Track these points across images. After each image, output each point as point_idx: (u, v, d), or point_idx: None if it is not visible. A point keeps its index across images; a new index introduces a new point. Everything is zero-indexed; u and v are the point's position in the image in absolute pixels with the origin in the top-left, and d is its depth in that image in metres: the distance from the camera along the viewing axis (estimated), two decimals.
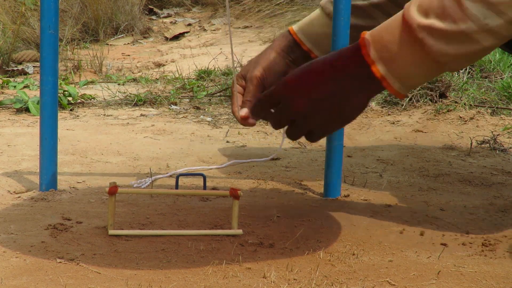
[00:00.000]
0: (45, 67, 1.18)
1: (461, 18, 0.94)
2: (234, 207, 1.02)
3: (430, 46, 0.96)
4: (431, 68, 0.99)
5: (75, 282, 0.84)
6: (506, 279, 0.90)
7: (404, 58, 0.99)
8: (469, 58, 0.99)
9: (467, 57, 0.98)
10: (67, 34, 3.40)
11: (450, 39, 0.96)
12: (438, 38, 0.96)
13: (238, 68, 2.71)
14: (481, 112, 1.97)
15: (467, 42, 0.96)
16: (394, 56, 0.99)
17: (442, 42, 0.96)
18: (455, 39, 0.96)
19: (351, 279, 0.88)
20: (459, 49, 0.96)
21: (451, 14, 0.94)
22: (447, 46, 0.96)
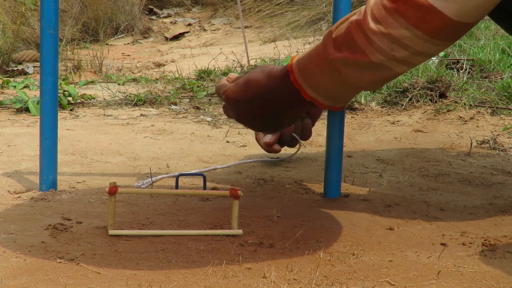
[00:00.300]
0: (45, 67, 1.18)
1: (370, 51, 1.01)
2: (234, 207, 1.02)
3: (347, 74, 1.04)
4: (352, 90, 1.08)
5: (75, 282, 0.84)
6: (506, 279, 0.90)
7: (327, 83, 1.07)
8: (385, 80, 1.07)
9: (383, 80, 1.06)
10: (67, 34, 3.40)
11: (364, 68, 1.03)
12: (353, 68, 1.03)
13: (238, 69, 2.71)
14: (481, 112, 1.97)
15: (379, 69, 1.03)
16: (318, 81, 1.08)
17: (357, 71, 1.04)
18: (368, 67, 1.03)
19: (351, 279, 0.88)
20: (373, 75, 1.04)
21: (362, 47, 1.01)
22: (361, 74, 1.04)
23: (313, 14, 3.56)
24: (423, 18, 0.95)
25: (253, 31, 3.75)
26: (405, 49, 0.99)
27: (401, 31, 0.97)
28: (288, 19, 3.64)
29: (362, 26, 1.00)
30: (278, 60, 2.72)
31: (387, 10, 0.97)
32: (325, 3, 3.55)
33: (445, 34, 0.97)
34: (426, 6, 0.94)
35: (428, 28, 0.96)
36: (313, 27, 3.51)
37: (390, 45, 0.99)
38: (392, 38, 0.98)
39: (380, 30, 0.98)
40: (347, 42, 1.02)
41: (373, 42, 0.99)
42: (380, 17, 0.98)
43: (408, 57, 1.00)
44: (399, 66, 1.02)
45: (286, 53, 3.00)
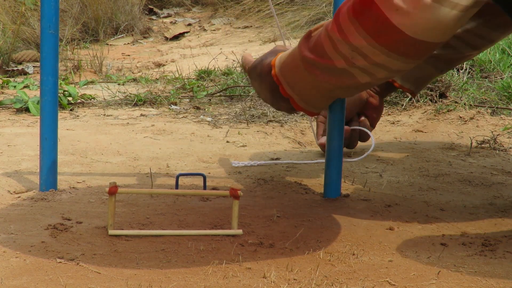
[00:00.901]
0: (45, 67, 1.18)
1: (334, 56, 1.03)
2: (234, 207, 1.02)
3: (317, 75, 1.07)
4: (323, 93, 1.11)
5: (75, 282, 0.84)
6: (506, 279, 0.90)
7: (300, 82, 1.10)
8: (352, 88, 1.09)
9: (349, 88, 1.08)
10: (67, 34, 3.40)
11: (331, 72, 1.05)
12: (322, 69, 1.06)
13: (238, 69, 2.71)
14: (481, 112, 1.97)
15: (344, 75, 1.05)
16: (293, 79, 1.11)
17: (325, 73, 1.06)
18: (334, 72, 1.05)
19: (351, 279, 0.88)
20: (339, 80, 1.06)
21: (327, 52, 1.04)
22: (329, 77, 1.06)
23: (313, 14, 3.56)
24: (379, 30, 0.96)
25: (253, 31, 3.75)
26: (364, 58, 1.00)
27: (360, 40, 0.98)
28: (288, 19, 3.64)
29: (329, 32, 1.02)
30: None
31: (350, 19, 0.99)
32: (325, 3, 3.55)
33: (402, 49, 0.98)
34: (383, 19, 0.95)
35: (384, 40, 0.97)
36: (313, 27, 3.51)
37: (351, 52, 1.00)
38: (352, 46, 1.00)
39: (342, 37, 1.00)
40: (317, 46, 1.05)
41: (337, 49, 1.01)
42: (344, 25, 1.00)
43: (368, 68, 1.01)
44: (361, 75, 1.03)
45: None
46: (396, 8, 0.94)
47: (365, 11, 0.97)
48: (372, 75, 1.03)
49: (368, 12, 0.96)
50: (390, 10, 0.94)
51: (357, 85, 1.07)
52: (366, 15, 0.97)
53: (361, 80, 1.04)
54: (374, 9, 0.96)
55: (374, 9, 0.96)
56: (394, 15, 0.94)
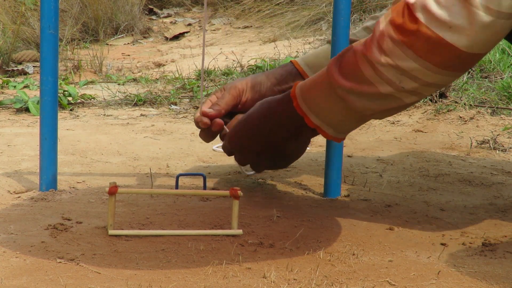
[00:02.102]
0: (45, 67, 1.18)
1: (377, 81, 0.98)
2: (234, 207, 1.02)
3: (353, 102, 1.02)
4: (358, 119, 1.06)
5: (75, 282, 0.84)
6: (506, 279, 0.90)
7: (331, 111, 1.05)
8: (394, 111, 1.04)
9: (392, 110, 1.04)
10: (67, 34, 3.40)
11: (371, 98, 1.00)
12: (360, 97, 1.01)
13: (238, 69, 2.71)
14: (481, 112, 1.97)
15: (388, 100, 1.00)
16: (322, 109, 1.05)
17: (364, 100, 1.01)
18: (376, 97, 1.00)
19: (351, 279, 0.88)
20: (381, 105, 1.02)
21: (368, 78, 0.99)
22: (369, 102, 1.01)
23: (313, 14, 3.56)
24: (432, 50, 0.94)
25: (253, 31, 3.75)
26: (415, 81, 0.97)
27: (410, 63, 0.95)
28: (288, 19, 3.64)
29: (369, 58, 0.98)
30: (278, 60, 2.72)
31: (395, 42, 0.95)
32: (325, 3, 3.55)
33: (455, 65, 0.96)
34: (435, 38, 0.93)
35: (438, 60, 0.95)
36: (313, 27, 3.51)
37: (399, 77, 0.97)
38: (401, 70, 0.96)
39: (388, 62, 0.96)
40: (353, 73, 1.00)
41: (382, 74, 0.97)
42: (388, 49, 0.96)
43: (417, 89, 0.98)
44: (408, 97, 1.00)
45: (286, 53, 3.00)
46: (450, 26, 0.92)
47: (413, 33, 0.94)
48: (420, 95, 1.00)
49: (416, 33, 0.93)
50: (442, 28, 0.92)
51: (400, 107, 1.03)
52: (415, 37, 0.94)
53: (407, 102, 1.01)
54: (423, 30, 0.93)
55: (423, 30, 0.93)
56: (448, 33, 0.92)
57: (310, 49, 3.06)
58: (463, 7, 0.91)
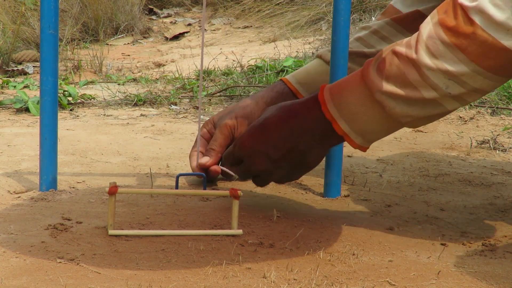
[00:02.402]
0: (45, 67, 1.18)
1: (422, 86, 0.94)
2: (234, 207, 1.02)
3: (391, 108, 0.97)
4: (393, 126, 1.01)
5: (75, 282, 0.84)
6: (506, 279, 0.90)
7: (365, 117, 0.99)
8: (433, 118, 1.00)
9: (431, 118, 0.99)
10: (67, 34, 3.40)
11: (412, 103, 0.96)
12: (400, 102, 0.96)
13: (238, 69, 2.71)
14: (481, 112, 1.97)
15: (430, 106, 0.96)
16: (355, 114, 1.00)
17: (404, 105, 0.96)
18: (418, 103, 0.96)
19: (351, 279, 0.88)
20: (421, 112, 0.97)
21: (412, 82, 0.95)
22: (409, 108, 0.97)
23: (313, 14, 3.56)
24: (486, 54, 0.91)
25: (253, 31, 3.75)
26: (462, 86, 0.93)
27: (461, 67, 0.92)
28: (288, 19, 3.64)
29: (415, 60, 0.94)
30: (278, 60, 2.72)
31: (446, 45, 0.92)
32: (325, 3, 3.55)
33: (507, 69, 0.92)
34: (491, 41, 0.89)
35: (491, 64, 0.91)
36: (313, 27, 3.51)
37: (447, 81, 0.93)
38: (450, 74, 0.92)
39: (438, 66, 0.92)
40: (395, 77, 0.96)
41: (428, 78, 0.93)
42: (438, 52, 0.92)
43: (463, 95, 0.94)
44: (452, 104, 0.96)
45: (286, 53, 3.00)
46: (507, 29, 0.89)
47: (467, 36, 0.90)
48: (463, 101, 0.97)
49: (471, 36, 0.90)
50: (499, 32, 0.89)
51: (440, 114, 0.98)
52: (469, 40, 0.90)
53: (449, 108, 0.97)
54: (478, 33, 0.90)
55: (478, 33, 0.90)
56: (505, 37, 0.89)
57: (310, 49, 3.06)
58: None
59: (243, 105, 1.26)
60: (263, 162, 1.06)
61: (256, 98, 1.27)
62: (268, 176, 1.08)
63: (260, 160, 1.06)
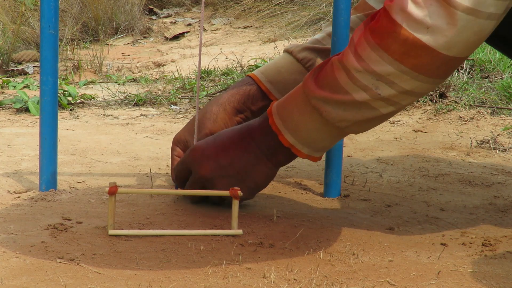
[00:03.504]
0: (45, 67, 1.18)
1: (352, 88, 0.96)
2: (234, 207, 1.02)
3: (328, 112, 0.99)
4: (333, 133, 1.02)
5: (75, 282, 0.84)
6: (506, 279, 0.90)
7: (306, 125, 1.01)
8: (370, 123, 1.01)
9: (368, 122, 1.00)
10: (67, 34, 3.40)
11: (347, 107, 0.97)
12: (335, 106, 0.98)
13: (238, 69, 2.71)
14: (481, 112, 1.97)
15: (364, 109, 0.97)
16: (297, 124, 1.02)
17: (339, 109, 0.98)
18: (351, 106, 0.97)
19: (351, 279, 0.88)
20: (357, 115, 0.98)
21: (343, 85, 0.96)
22: (344, 112, 0.98)
23: (313, 14, 3.56)
24: (408, 52, 0.91)
25: (253, 31, 3.75)
26: (391, 86, 0.94)
27: (385, 67, 0.93)
28: (288, 19, 3.64)
29: (344, 63, 0.95)
30: None
31: (371, 46, 0.93)
32: (325, 3, 3.55)
33: (433, 69, 0.93)
34: (412, 39, 0.90)
35: (414, 63, 0.92)
36: (313, 27, 3.51)
37: (375, 82, 0.94)
38: (377, 75, 0.93)
39: (364, 67, 0.94)
40: (329, 81, 0.98)
41: (357, 80, 0.95)
42: (364, 54, 0.94)
43: (394, 96, 0.95)
44: (385, 107, 0.97)
45: None
46: (427, 27, 0.89)
47: (389, 35, 0.91)
48: (397, 104, 0.97)
49: (392, 35, 0.91)
50: (419, 29, 0.90)
51: (377, 117, 0.99)
52: (391, 39, 0.91)
53: (383, 112, 0.97)
54: (399, 31, 0.90)
55: (399, 31, 0.90)
56: (425, 34, 0.89)
57: None
58: (441, 6, 0.89)
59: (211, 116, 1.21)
60: (208, 167, 1.07)
61: (223, 103, 1.21)
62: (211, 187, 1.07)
63: (206, 165, 1.07)
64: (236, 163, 1.07)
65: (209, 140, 1.09)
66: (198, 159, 1.08)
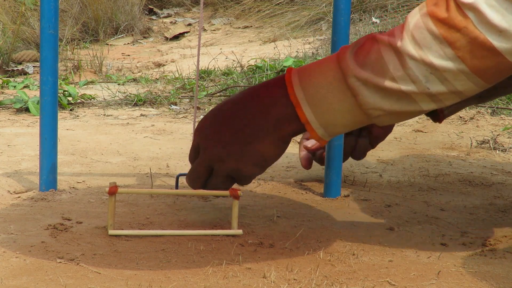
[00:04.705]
0: (45, 67, 1.18)
1: (401, 77, 0.88)
2: (234, 207, 1.02)
3: (364, 97, 0.90)
4: (359, 119, 0.93)
5: (75, 282, 0.84)
6: (506, 279, 0.90)
7: (332, 105, 0.92)
8: (403, 116, 0.93)
9: (401, 115, 0.93)
10: (67, 34, 3.40)
11: (387, 95, 0.90)
12: (373, 92, 0.90)
13: (238, 69, 2.71)
14: (481, 112, 1.97)
15: (404, 101, 0.90)
16: (322, 100, 0.92)
17: (377, 96, 0.90)
18: (392, 96, 0.90)
19: (351, 279, 0.88)
20: (394, 106, 0.91)
21: (391, 71, 0.89)
22: (382, 101, 0.90)
23: (313, 14, 3.56)
24: (474, 52, 0.85)
25: (253, 31, 3.75)
26: (443, 83, 0.88)
27: (445, 62, 0.86)
28: (288, 19, 3.64)
29: (398, 48, 0.88)
30: (278, 60, 2.72)
31: (434, 36, 0.87)
32: (325, 3, 3.55)
33: (492, 74, 0.87)
34: (482, 40, 0.85)
35: (477, 65, 0.86)
36: (313, 27, 3.52)
37: (428, 75, 0.87)
38: (433, 67, 0.87)
39: (421, 56, 0.87)
40: (374, 63, 0.89)
41: (409, 69, 0.88)
42: (424, 42, 0.87)
43: (442, 94, 0.89)
44: (427, 103, 0.90)
45: (286, 53, 3.00)
46: (500, 30, 0.84)
47: (458, 30, 0.85)
48: (439, 102, 0.90)
49: (463, 31, 0.85)
50: (491, 31, 0.84)
51: (414, 112, 0.92)
52: (460, 35, 0.85)
53: (423, 108, 0.91)
54: (471, 29, 0.85)
55: (471, 28, 0.85)
56: (497, 38, 0.84)
57: (310, 49, 3.06)
58: None
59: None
60: (215, 146, 0.97)
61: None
62: (219, 166, 0.98)
63: (212, 144, 0.97)
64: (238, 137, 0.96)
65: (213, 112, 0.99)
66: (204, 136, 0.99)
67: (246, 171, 0.98)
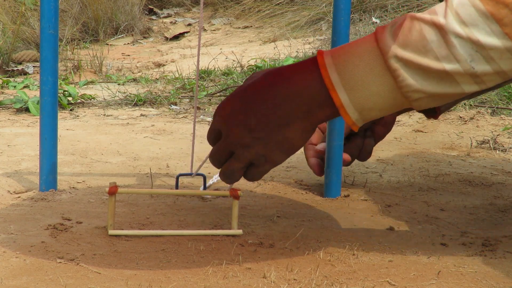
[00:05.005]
0: (45, 67, 1.18)
1: (445, 56, 0.85)
2: (234, 207, 1.02)
3: (404, 79, 0.86)
4: (397, 102, 0.89)
5: (75, 282, 0.84)
6: (506, 279, 0.90)
7: (370, 88, 0.87)
8: (443, 99, 0.89)
9: (441, 98, 0.89)
10: (67, 34, 3.40)
11: (429, 76, 0.86)
12: (415, 73, 0.86)
13: (238, 69, 2.71)
14: (481, 112, 1.97)
15: (447, 83, 0.86)
16: (359, 83, 0.88)
17: (418, 77, 0.86)
18: (435, 76, 0.86)
19: (351, 279, 0.88)
20: (436, 88, 0.87)
21: (434, 50, 0.85)
22: (423, 82, 0.86)
23: (313, 14, 3.56)
24: None
25: (253, 31, 3.75)
26: (489, 63, 0.84)
27: (492, 39, 0.83)
28: (288, 19, 3.64)
29: (442, 26, 0.84)
30: (278, 60, 2.72)
31: (480, 13, 0.84)
32: (325, 3, 3.55)
33: None
34: None
35: None
36: (313, 27, 3.52)
37: (473, 53, 0.84)
38: (479, 45, 0.83)
39: (467, 34, 0.83)
40: (416, 42, 0.85)
41: (453, 47, 0.84)
42: (469, 19, 0.83)
43: (486, 75, 0.85)
44: (469, 84, 0.86)
45: (286, 53, 3.00)
46: None
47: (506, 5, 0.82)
48: (482, 84, 0.86)
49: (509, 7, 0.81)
50: None
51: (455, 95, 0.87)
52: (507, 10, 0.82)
53: (465, 90, 0.86)
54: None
55: None
56: None
57: (310, 49, 3.06)
58: None
59: None
60: (240, 131, 0.91)
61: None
62: (242, 152, 0.92)
63: (237, 130, 0.91)
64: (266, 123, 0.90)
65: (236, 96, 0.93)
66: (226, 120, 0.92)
67: (272, 157, 0.93)
